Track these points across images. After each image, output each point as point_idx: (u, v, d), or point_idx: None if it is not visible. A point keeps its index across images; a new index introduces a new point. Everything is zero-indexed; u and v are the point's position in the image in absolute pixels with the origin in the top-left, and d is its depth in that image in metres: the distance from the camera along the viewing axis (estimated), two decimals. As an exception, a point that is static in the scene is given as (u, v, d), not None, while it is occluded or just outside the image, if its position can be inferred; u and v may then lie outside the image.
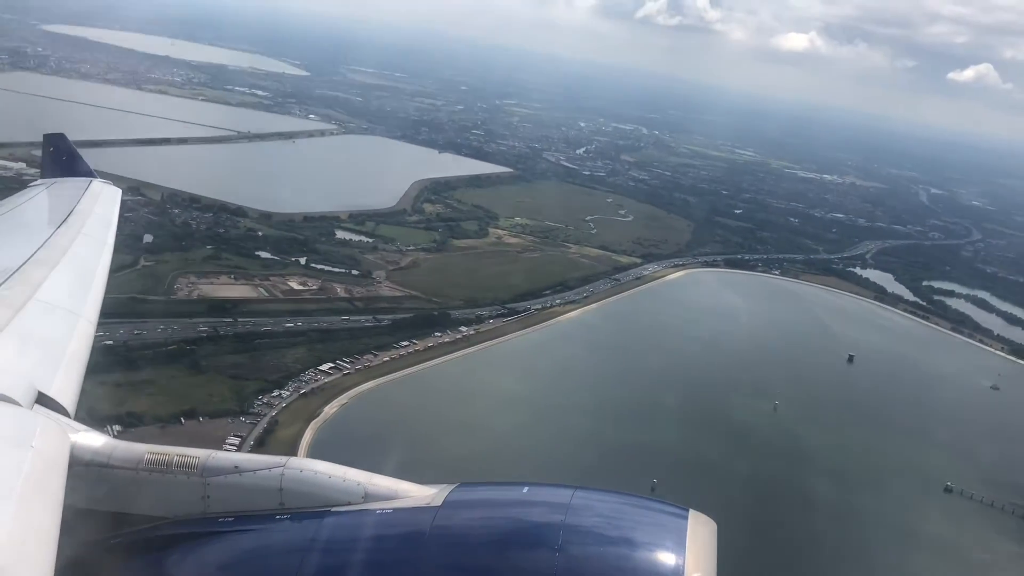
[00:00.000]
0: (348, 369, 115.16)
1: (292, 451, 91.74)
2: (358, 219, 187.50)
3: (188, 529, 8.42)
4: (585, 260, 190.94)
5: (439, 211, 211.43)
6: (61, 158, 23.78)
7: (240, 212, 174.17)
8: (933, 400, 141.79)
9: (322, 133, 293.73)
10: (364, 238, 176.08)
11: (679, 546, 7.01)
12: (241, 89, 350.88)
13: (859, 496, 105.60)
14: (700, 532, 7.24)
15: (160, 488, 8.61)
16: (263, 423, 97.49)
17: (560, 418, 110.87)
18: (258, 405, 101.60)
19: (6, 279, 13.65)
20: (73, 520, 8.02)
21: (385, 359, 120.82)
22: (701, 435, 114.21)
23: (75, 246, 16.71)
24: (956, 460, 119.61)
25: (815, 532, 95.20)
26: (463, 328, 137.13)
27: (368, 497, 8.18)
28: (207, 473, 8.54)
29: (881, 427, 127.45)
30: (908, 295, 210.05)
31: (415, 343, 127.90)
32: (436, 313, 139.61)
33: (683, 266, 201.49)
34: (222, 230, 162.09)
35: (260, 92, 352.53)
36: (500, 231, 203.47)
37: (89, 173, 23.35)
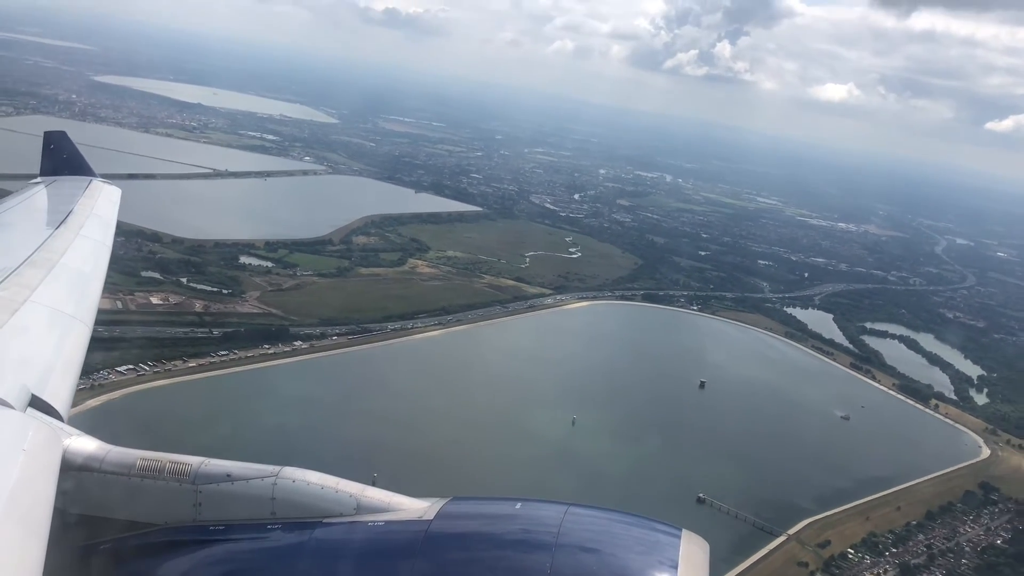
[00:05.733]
0: (146, 371, 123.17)
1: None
2: (273, 247, 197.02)
3: (179, 537, 8.41)
4: (489, 289, 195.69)
5: (369, 242, 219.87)
6: (61, 156, 23.89)
7: (155, 238, 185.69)
8: (763, 425, 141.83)
9: (304, 173, 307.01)
10: (267, 263, 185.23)
11: (671, 565, 7.03)
12: (253, 134, 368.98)
13: (600, 500, 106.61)
14: (692, 552, 7.27)
15: (152, 494, 8.57)
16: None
17: (334, 425, 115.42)
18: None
19: (3, 280, 13.72)
20: (63, 525, 8.14)
21: (192, 364, 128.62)
22: (478, 442, 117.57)
23: (73, 248, 16.81)
24: (734, 477, 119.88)
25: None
26: (298, 343, 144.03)
27: (360, 509, 8.17)
28: (199, 480, 8.48)
29: (679, 445, 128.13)
30: (833, 334, 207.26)
31: (236, 353, 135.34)
32: (274, 328, 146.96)
33: (593, 298, 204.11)
34: (122, 252, 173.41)
35: (270, 137, 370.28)
36: (420, 262, 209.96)
37: (89, 172, 23.77)
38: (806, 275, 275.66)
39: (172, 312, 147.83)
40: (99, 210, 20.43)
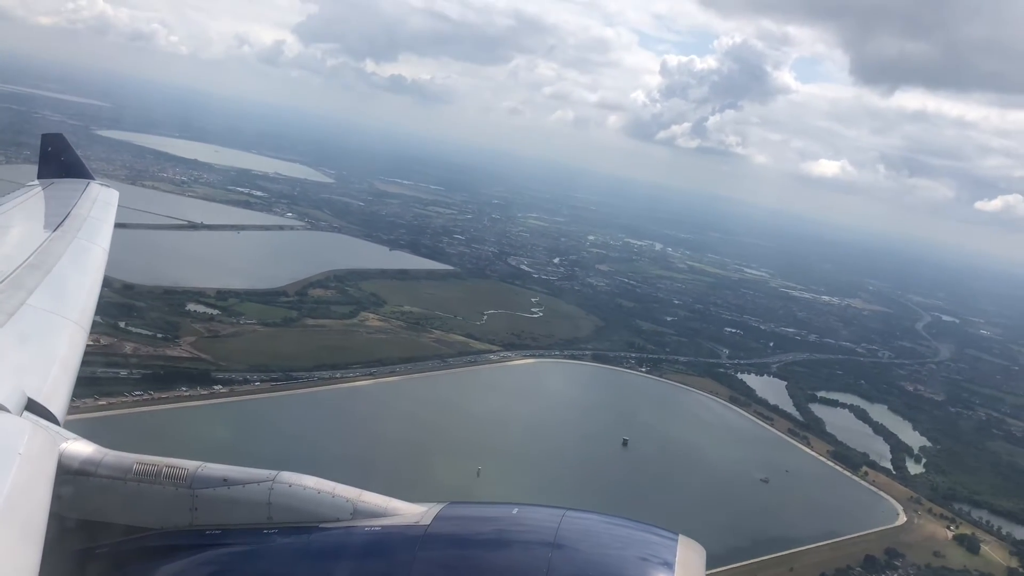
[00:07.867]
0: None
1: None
2: (224, 296, 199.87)
3: (175, 541, 8.41)
4: (434, 344, 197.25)
5: (325, 295, 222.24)
6: (59, 158, 23.85)
7: (105, 283, 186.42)
8: (675, 484, 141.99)
9: (280, 228, 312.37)
10: (213, 311, 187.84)
11: (668, 569, 7.06)
12: (242, 190, 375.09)
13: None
14: (689, 557, 7.29)
15: (148, 499, 8.54)
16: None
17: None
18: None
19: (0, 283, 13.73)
20: (59, 529, 8.13)
21: (102, 403, 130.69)
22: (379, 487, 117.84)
23: (70, 251, 16.99)
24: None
25: None
26: (217, 387, 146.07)
27: (357, 514, 8.19)
28: (196, 485, 8.45)
29: (580, 498, 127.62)
30: (781, 401, 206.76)
31: (151, 394, 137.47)
32: (195, 372, 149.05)
33: (540, 356, 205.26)
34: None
35: (258, 193, 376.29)
36: (372, 316, 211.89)
37: (87, 174, 23.89)
38: (771, 344, 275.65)
39: (98, 353, 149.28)
40: (96, 213, 20.53)
